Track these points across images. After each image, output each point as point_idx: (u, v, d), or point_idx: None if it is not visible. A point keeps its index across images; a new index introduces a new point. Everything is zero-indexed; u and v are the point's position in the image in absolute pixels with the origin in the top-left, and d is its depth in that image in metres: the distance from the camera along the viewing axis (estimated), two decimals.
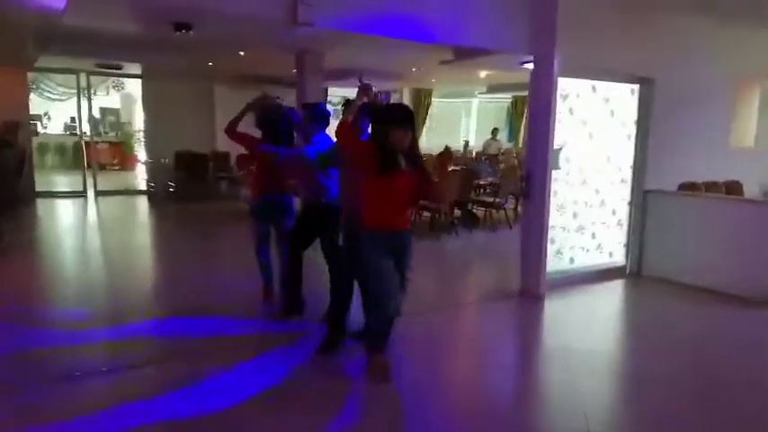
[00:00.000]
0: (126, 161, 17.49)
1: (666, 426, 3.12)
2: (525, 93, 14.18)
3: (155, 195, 11.96)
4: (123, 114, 18.72)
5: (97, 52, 9.52)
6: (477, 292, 5.86)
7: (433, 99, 15.21)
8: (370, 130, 3.48)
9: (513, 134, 15.60)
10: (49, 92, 16.00)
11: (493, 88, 14.49)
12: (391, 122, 3.20)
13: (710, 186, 6.38)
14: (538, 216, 5.37)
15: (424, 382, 3.52)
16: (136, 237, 8.65)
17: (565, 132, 5.50)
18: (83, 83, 12.34)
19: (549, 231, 5.48)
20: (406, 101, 14.79)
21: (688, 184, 6.24)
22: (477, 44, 5.32)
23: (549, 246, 5.51)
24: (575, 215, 5.84)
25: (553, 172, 5.40)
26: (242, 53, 9.46)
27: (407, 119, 3.23)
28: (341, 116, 3.53)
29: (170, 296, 5.28)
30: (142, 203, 11.57)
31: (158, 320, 4.55)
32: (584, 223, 5.94)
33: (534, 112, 5.34)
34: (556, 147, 5.39)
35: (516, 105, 15.39)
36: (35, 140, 13.71)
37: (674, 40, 6.04)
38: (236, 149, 12.02)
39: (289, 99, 12.59)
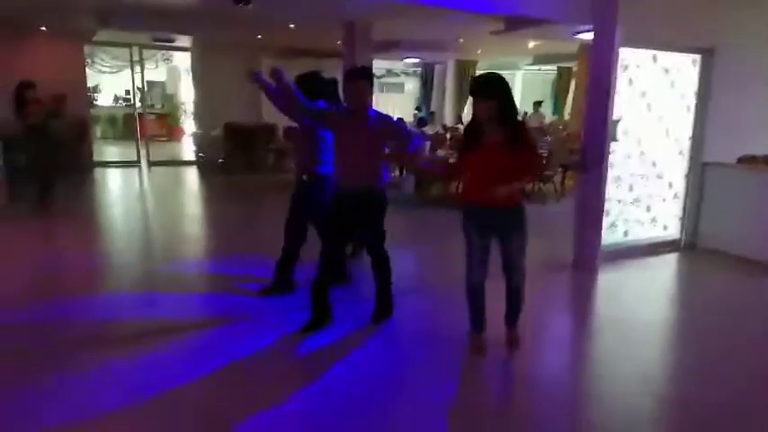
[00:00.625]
0: (172, 132, 17.96)
1: (720, 394, 3.21)
2: (571, 64, 14.03)
3: (204, 166, 12.32)
4: (169, 87, 19.16)
5: (154, 26, 9.79)
6: (531, 264, 5.85)
7: (477, 71, 15.06)
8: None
9: (557, 107, 15.36)
10: (101, 65, 16.48)
11: (539, 59, 14.26)
12: (471, 95, 3.23)
13: None
14: (595, 188, 5.40)
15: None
16: (192, 206, 8.97)
17: (624, 104, 5.47)
18: (135, 56, 12.69)
19: (605, 203, 5.51)
20: (450, 73, 14.71)
21: (748, 157, 6.14)
22: (538, 14, 5.33)
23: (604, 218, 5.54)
24: (631, 188, 5.83)
25: (611, 144, 5.40)
26: (292, 26, 9.57)
27: (480, 89, 3.18)
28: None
29: (209, 268, 5.48)
30: (193, 174, 11.93)
31: (187, 295, 4.63)
32: (640, 196, 5.93)
33: (593, 84, 5.32)
34: (614, 118, 5.37)
35: (561, 77, 15.11)
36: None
37: (737, 11, 5.88)
38: (282, 121, 12.34)
39: (335, 72, 12.80)
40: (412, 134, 4.00)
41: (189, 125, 17.88)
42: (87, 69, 13.64)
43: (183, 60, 17.51)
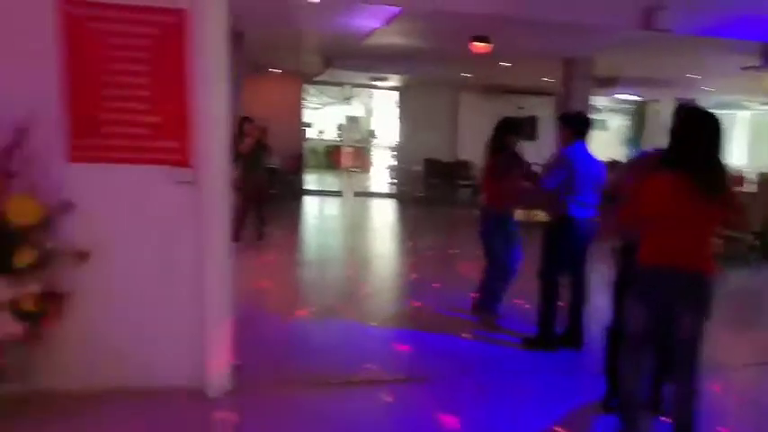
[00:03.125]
0: (364, 165, 18.98)
1: None
2: None
3: (403, 198, 12.63)
4: (365, 122, 20.37)
5: (373, 66, 10.34)
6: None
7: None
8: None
9: None
10: (309, 102, 18.02)
11: None
12: (699, 131, 2.58)
13: None
14: None
15: None
16: (413, 238, 8.83)
17: None
18: (346, 93, 13.61)
19: None
20: (667, 111, 13.44)
21: None
22: None
23: None
24: None
25: None
26: (503, 63, 9.43)
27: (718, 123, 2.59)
28: None
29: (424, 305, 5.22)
30: (393, 205, 12.29)
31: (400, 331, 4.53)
32: None
33: None
34: None
35: None
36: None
37: None
38: (479, 158, 12.26)
39: (543, 110, 12.47)
40: None
41: (378, 158, 18.82)
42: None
43: (378, 97, 18.64)
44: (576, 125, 4.04)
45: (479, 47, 6.35)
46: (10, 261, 2.59)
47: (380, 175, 16.73)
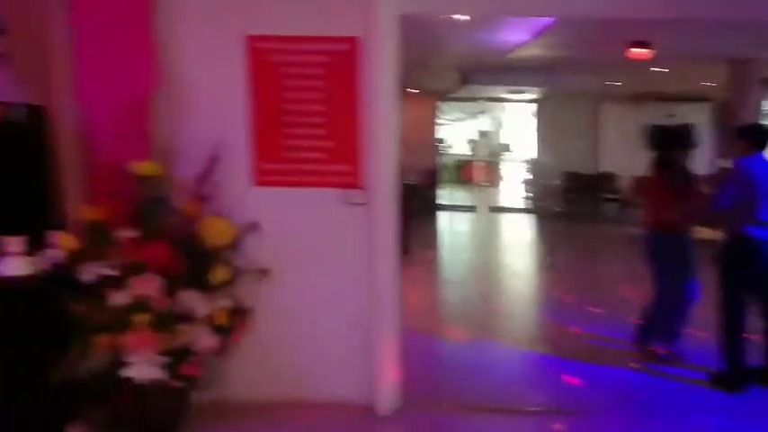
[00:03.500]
0: (494, 179, 18.63)
1: None
2: None
3: (541, 213, 12.15)
4: (495, 136, 20.03)
5: (510, 80, 10.12)
6: None
7: None
8: None
9: None
10: (440, 118, 18.11)
11: None
12: None
13: None
14: None
15: None
16: (563, 259, 8.21)
17: None
18: (478, 108, 13.48)
19: None
20: None
21: None
22: None
23: None
24: None
25: None
26: (661, 69, 8.73)
27: None
28: None
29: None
30: (531, 221, 11.85)
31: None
32: None
33: None
34: None
35: None
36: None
37: None
38: (626, 171, 11.44)
39: (696, 117, 11.40)
40: None
41: (507, 172, 18.37)
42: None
43: (507, 111, 18.25)
44: (755, 136, 3.66)
45: (639, 53, 5.94)
46: (206, 278, 2.82)
47: (511, 189, 16.29)
